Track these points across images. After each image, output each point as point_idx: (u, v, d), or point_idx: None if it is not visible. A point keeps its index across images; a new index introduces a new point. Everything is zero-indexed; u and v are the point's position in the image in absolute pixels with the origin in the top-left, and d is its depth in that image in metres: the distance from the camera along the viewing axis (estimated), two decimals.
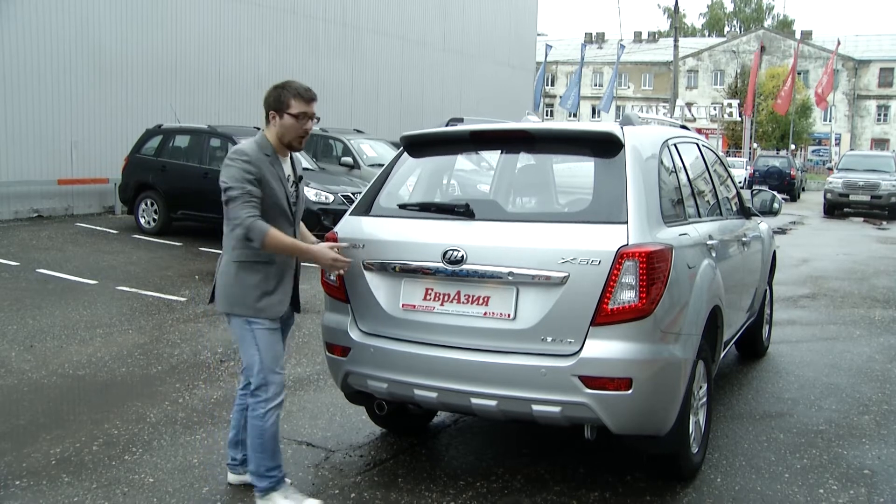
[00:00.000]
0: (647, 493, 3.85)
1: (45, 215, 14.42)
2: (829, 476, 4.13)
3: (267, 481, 3.51)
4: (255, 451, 3.51)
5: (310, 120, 3.55)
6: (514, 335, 3.49)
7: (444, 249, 3.62)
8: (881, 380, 5.91)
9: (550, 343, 3.43)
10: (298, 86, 3.52)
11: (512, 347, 3.50)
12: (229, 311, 3.52)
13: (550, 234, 3.56)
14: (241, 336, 3.53)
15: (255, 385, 3.51)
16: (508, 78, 29.43)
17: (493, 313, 3.54)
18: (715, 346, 4.35)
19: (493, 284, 3.55)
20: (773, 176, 29.56)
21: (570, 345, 3.40)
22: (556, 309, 3.42)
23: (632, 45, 66.47)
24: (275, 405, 3.50)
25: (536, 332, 3.44)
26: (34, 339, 6.49)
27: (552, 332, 3.42)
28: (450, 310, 3.64)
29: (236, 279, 3.48)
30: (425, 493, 3.83)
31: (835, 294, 9.54)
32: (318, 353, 6.00)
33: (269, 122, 3.52)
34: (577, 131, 4.02)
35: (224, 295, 3.52)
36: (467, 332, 3.59)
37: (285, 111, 3.48)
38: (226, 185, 3.39)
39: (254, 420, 3.50)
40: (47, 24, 14.26)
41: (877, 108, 64.43)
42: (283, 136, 3.51)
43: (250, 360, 3.52)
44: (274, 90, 3.52)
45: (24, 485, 3.82)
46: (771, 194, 6.28)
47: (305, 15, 20.24)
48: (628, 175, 3.60)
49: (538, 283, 3.45)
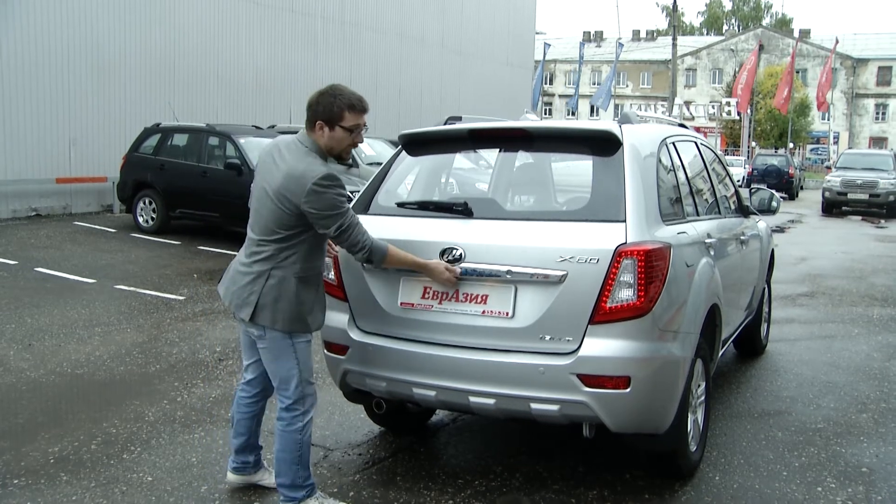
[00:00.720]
0: (645, 491, 3.85)
1: (43, 214, 14.40)
2: (828, 474, 4.13)
3: (304, 491, 3.46)
4: (292, 463, 3.42)
5: (362, 131, 3.39)
6: (513, 334, 3.48)
7: (443, 248, 3.61)
8: (879, 378, 5.91)
9: (549, 342, 3.42)
10: (352, 95, 3.33)
11: (510, 346, 3.49)
12: (289, 329, 3.34)
13: (549, 233, 3.56)
14: (279, 351, 3.39)
15: (293, 399, 3.40)
16: (507, 76, 29.43)
17: (491, 311, 3.53)
18: (713, 344, 4.35)
19: (491, 283, 3.55)
20: (771, 174, 29.57)
21: (568, 343, 3.39)
22: (555, 307, 3.41)
23: (630, 43, 66.50)
24: (311, 416, 3.47)
25: (535, 331, 3.44)
26: (32, 337, 6.48)
27: (550, 331, 3.42)
28: (448, 308, 3.63)
29: (297, 295, 3.33)
30: (424, 491, 3.83)
31: (833, 292, 9.55)
32: (317, 352, 5.97)
33: (317, 130, 3.33)
34: (576, 130, 4.02)
35: (283, 311, 3.31)
36: (466, 331, 3.58)
37: (337, 124, 3.30)
38: (332, 213, 3.23)
39: (292, 434, 3.40)
40: (45, 23, 14.24)
41: (875, 106, 64.49)
42: (332, 149, 3.35)
43: (287, 375, 3.40)
44: (324, 98, 3.31)
45: (23, 483, 3.82)
46: (769, 193, 6.29)
47: (304, 13, 20.23)
48: (627, 174, 3.60)
49: (536, 281, 3.45)
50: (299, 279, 3.34)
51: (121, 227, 13.10)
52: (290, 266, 3.32)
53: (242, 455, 3.76)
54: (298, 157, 3.29)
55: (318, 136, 3.34)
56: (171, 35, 16.54)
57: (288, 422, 3.42)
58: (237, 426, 3.73)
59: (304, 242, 3.34)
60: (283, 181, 3.25)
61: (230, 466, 3.80)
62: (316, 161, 3.29)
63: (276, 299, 3.32)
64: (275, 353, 3.41)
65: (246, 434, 3.72)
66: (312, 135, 3.35)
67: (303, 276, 3.35)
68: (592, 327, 3.41)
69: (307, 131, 3.37)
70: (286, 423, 3.42)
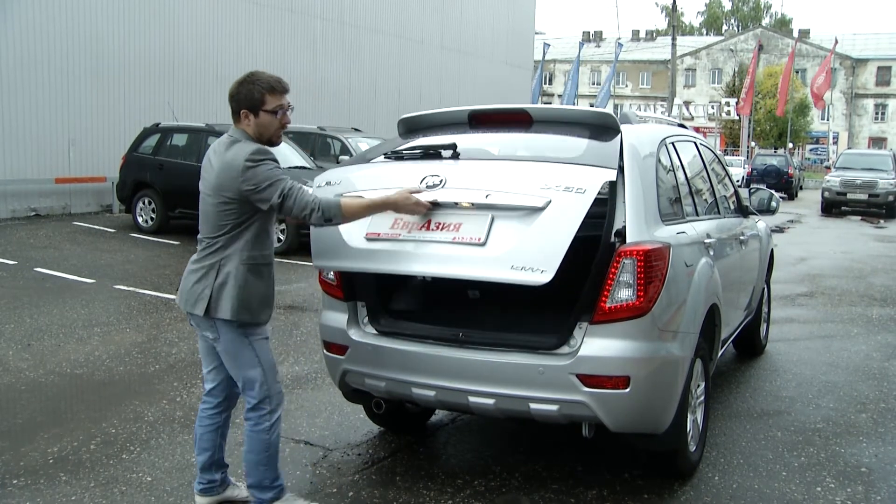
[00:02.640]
0: (644, 490, 3.85)
1: (42, 214, 14.40)
2: (827, 474, 4.14)
3: (272, 492, 3.42)
4: (259, 465, 3.37)
5: (287, 111, 3.34)
6: (482, 262, 3.31)
7: (423, 176, 3.53)
8: (878, 378, 5.92)
9: (520, 272, 3.24)
10: (270, 77, 3.29)
11: (477, 274, 3.35)
12: (236, 320, 3.26)
13: (536, 168, 3.49)
14: (237, 350, 3.33)
15: (258, 399, 3.34)
16: (506, 76, 29.42)
17: (462, 238, 3.36)
18: (713, 344, 4.35)
19: (467, 212, 3.41)
20: (770, 174, 29.57)
21: (541, 274, 3.20)
22: (531, 236, 3.26)
23: (630, 43, 66.46)
24: (279, 416, 3.40)
25: (506, 260, 3.26)
26: (32, 337, 6.48)
27: (523, 261, 3.24)
28: (417, 237, 3.46)
29: (247, 283, 3.26)
30: (423, 491, 3.83)
31: (832, 292, 9.55)
32: (316, 352, 5.99)
33: (243, 120, 3.29)
34: (575, 112, 4.10)
35: (235, 299, 3.24)
36: (432, 259, 3.42)
37: (261, 109, 3.26)
38: (269, 181, 3.16)
39: (259, 434, 3.35)
40: (45, 22, 14.23)
41: (874, 106, 64.49)
42: (261, 135, 3.30)
43: (249, 374, 3.33)
44: (244, 86, 3.27)
45: (22, 484, 3.81)
46: (769, 193, 6.29)
47: (303, 13, 20.23)
48: (626, 174, 3.60)
49: (516, 209, 3.32)
50: (248, 267, 3.29)
51: (120, 226, 13.10)
52: (237, 254, 3.28)
53: (208, 473, 3.57)
54: (227, 148, 3.28)
55: (246, 126, 3.30)
56: (171, 35, 16.53)
57: (255, 422, 3.36)
58: (200, 441, 3.56)
59: (249, 230, 3.28)
60: (217, 174, 3.24)
61: (196, 488, 3.60)
62: (244, 144, 3.25)
63: (228, 287, 3.26)
64: (233, 352, 3.35)
65: (210, 449, 3.55)
66: (240, 125, 3.33)
67: (251, 263, 3.29)
68: (592, 327, 3.41)
69: (235, 124, 3.35)
70: (253, 424, 3.36)
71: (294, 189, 3.22)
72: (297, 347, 6.39)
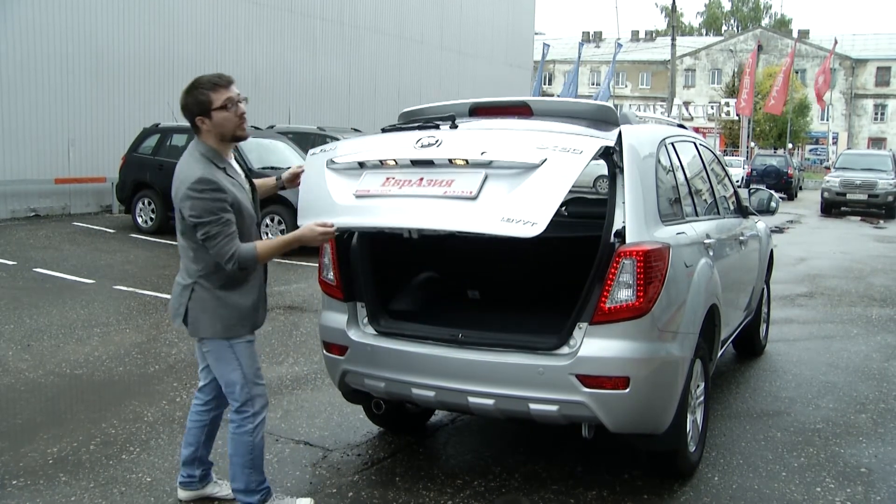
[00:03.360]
0: (644, 491, 3.85)
1: (42, 214, 14.40)
2: (827, 474, 4.13)
3: (258, 496, 3.42)
4: (244, 467, 3.38)
5: (240, 102, 3.27)
6: (472, 215, 3.23)
7: (419, 138, 3.52)
8: (878, 378, 5.92)
9: (510, 223, 3.13)
10: (209, 76, 3.26)
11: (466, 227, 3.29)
12: (223, 336, 3.30)
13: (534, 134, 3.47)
14: (219, 354, 3.34)
15: (240, 402, 3.34)
16: (506, 77, 29.43)
17: (453, 192, 3.29)
18: (712, 344, 4.35)
19: (460, 169, 3.37)
20: (770, 175, 29.55)
21: (531, 227, 3.08)
22: (524, 190, 3.19)
23: (629, 44, 66.45)
24: (262, 418, 3.39)
25: (497, 213, 3.18)
26: (31, 338, 6.48)
27: (514, 213, 3.15)
28: (407, 192, 3.39)
29: (223, 306, 3.27)
30: (423, 491, 3.83)
31: (832, 293, 9.55)
32: (316, 353, 5.99)
33: (201, 129, 3.26)
34: (575, 105, 4.12)
35: (212, 320, 3.28)
36: (420, 213, 3.35)
37: (211, 109, 3.21)
38: (199, 219, 3.12)
39: (242, 437, 3.35)
40: (44, 23, 14.24)
41: (874, 107, 64.47)
42: (223, 135, 3.26)
43: (231, 377, 3.34)
44: (189, 95, 3.24)
45: (22, 484, 3.81)
46: (768, 193, 6.29)
47: (303, 13, 20.23)
48: (626, 174, 3.60)
49: (511, 167, 3.28)
50: (222, 288, 3.27)
51: (120, 227, 13.10)
52: (208, 277, 3.26)
53: (189, 468, 3.61)
54: (184, 163, 3.26)
55: (206, 133, 3.27)
56: (171, 35, 16.53)
57: (238, 424, 3.36)
58: (186, 434, 3.61)
59: None
60: (174, 191, 3.25)
61: (178, 480, 3.69)
62: (197, 165, 3.20)
63: (203, 311, 3.28)
64: (215, 356, 3.36)
65: (194, 445, 3.58)
66: (201, 136, 3.29)
67: (225, 283, 3.27)
68: (591, 327, 3.41)
69: (196, 136, 3.33)
70: (236, 426, 3.37)
71: (219, 235, 3.13)
72: (296, 348, 6.39)
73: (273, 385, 5.40)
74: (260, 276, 3.44)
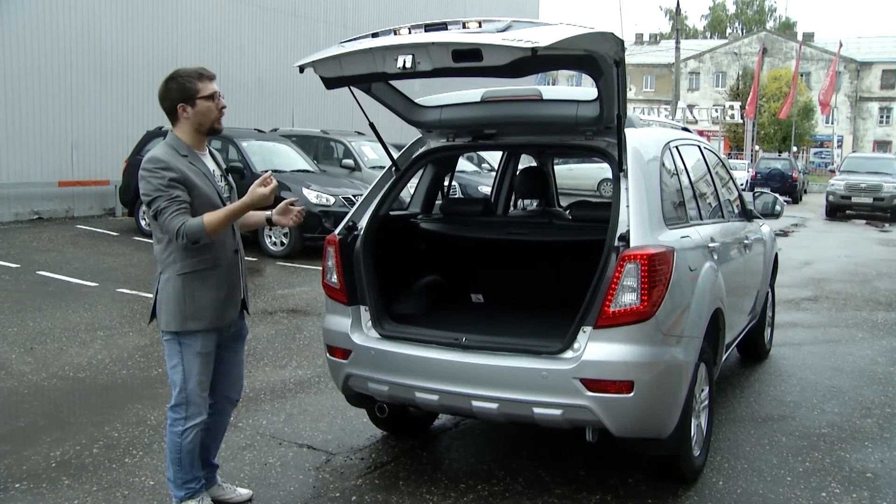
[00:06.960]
0: (648, 495, 3.84)
1: (45, 217, 14.41)
2: (832, 479, 4.11)
3: (183, 491, 3.43)
4: (172, 463, 3.41)
5: (221, 97, 3.36)
6: (476, 34, 3.30)
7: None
8: (884, 383, 5.89)
9: (511, 41, 3.13)
10: (194, 69, 3.35)
11: (466, 39, 3.31)
12: (179, 329, 3.30)
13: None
14: (168, 352, 3.37)
15: (175, 401, 3.35)
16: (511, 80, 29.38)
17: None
18: (717, 348, 4.34)
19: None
20: (774, 178, 29.50)
21: (533, 44, 3.05)
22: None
23: (633, 46, 66.50)
24: (193, 426, 3.37)
25: (500, 36, 3.20)
26: (34, 341, 6.48)
27: (517, 36, 3.17)
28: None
29: (185, 293, 3.28)
30: (426, 495, 3.82)
31: (837, 296, 9.52)
32: (319, 356, 5.98)
33: (179, 118, 3.32)
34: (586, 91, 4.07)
35: (171, 311, 3.29)
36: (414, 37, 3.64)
37: (196, 97, 3.28)
38: (149, 197, 3.17)
39: (172, 435, 3.38)
40: (48, 25, 14.27)
41: (879, 110, 64.35)
42: (201, 125, 3.32)
43: (173, 378, 3.36)
44: (173, 83, 3.32)
45: (24, 487, 3.81)
46: (773, 196, 6.27)
47: (307, 17, 20.26)
48: (630, 178, 3.59)
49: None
50: (184, 276, 3.30)
51: (123, 230, 13.11)
52: (171, 265, 3.33)
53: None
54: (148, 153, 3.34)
55: (184, 121, 3.33)
56: (174, 38, 16.54)
57: (171, 421, 3.40)
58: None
59: None
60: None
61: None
62: (156, 150, 3.29)
63: (165, 301, 3.32)
64: (167, 350, 3.40)
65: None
66: (178, 126, 3.35)
67: (188, 272, 3.30)
68: (595, 331, 3.40)
69: (172, 128, 3.39)
70: (170, 422, 3.41)
71: (167, 211, 3.16)
72: (299, 351, 6.38)
73: (276, 388, 5.40)
74: (233, 272, 3.44)
